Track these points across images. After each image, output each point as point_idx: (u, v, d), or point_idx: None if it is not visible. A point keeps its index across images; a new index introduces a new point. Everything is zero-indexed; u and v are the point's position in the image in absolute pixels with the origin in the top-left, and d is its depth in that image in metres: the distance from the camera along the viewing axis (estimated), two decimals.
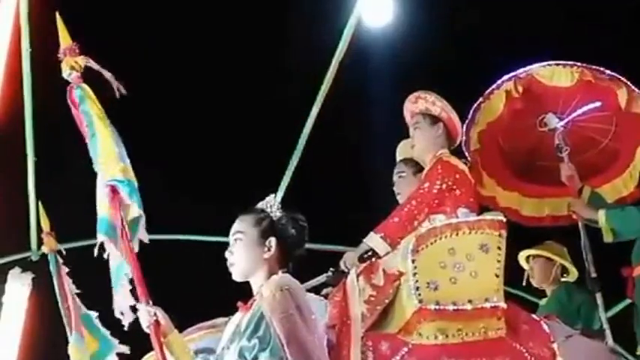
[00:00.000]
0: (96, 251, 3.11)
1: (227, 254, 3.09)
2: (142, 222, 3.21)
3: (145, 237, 3.23)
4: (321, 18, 5.89)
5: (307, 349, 2.77)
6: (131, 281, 3.12)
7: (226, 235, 3.16)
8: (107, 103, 3.42)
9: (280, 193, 6.52)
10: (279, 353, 2.74)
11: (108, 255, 3.12)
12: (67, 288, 4.52)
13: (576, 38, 5.51)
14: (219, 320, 3.97)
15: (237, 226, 3.10)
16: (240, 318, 3.01)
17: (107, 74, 3.34)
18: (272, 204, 3.13)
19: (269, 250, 3.04)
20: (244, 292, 3.12)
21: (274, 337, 2.78)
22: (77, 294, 4.55)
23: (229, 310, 3.22)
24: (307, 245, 3.22)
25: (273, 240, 3.05)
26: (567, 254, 5.11)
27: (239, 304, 3.08)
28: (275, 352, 2.75)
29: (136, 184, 3.25)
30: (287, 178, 6.63)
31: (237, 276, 3.07)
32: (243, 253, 3.04)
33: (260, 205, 3.15)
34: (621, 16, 5.76)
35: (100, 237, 3.12)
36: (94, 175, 3.31)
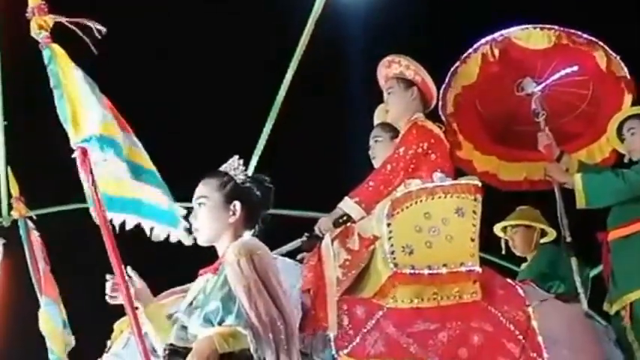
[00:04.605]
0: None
1: (191, 219, 3.02)
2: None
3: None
4: None
5: (270, 317, 2.74)
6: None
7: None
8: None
9: (255, 159, 6.48)
10: (244, 317, 2.71)
11: None
12: (37, 253, 4.46)
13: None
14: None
15: (200, 190, 3.02)
16: (205, 282, 2.96)
17: (82, 21, 3.23)
18: (235, 166, 3.06)
19: (234, 214, 2.98)
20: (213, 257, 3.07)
21: (239, 301, 2.74)
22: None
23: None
24: (282, 211, 3.17)
25: (237, 204, 2.99)
26: (542, 217, 5.11)
27: (201, 271, 3.03)
28: (240, 316, 2.71)
29: (111, 136, 3.13)
30: (261, 143, 6.57)
31: (202, 241, 3.01)
32: (208, 218, 2.98)
33: (223, 167, 3.08)
34: None
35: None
36: (66, 139, 3.22)
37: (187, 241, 2.97)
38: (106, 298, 3.02)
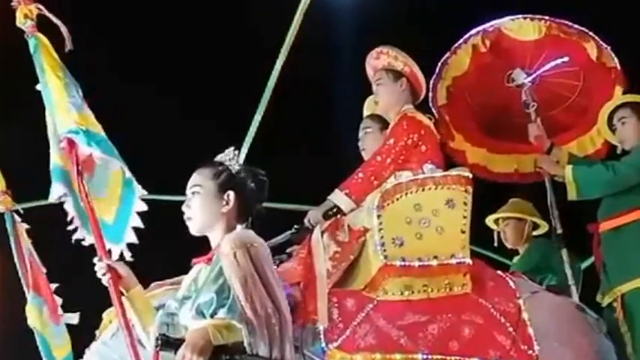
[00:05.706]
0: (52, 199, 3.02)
1: (184, 208, 3.00)
2: (134, 186, 3.08)
3: (141, 206, 3.09)
4: None
5: (266, 311, 2.72)
6: None
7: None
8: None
9: (244, 151, 6.44)
10: (238, 309, 2.68)
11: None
12: (24, 248, 4.42)
13: None
14: (182, 278, 3.90)
15: (194, 179, 3.01)
16: (198, 272, 2.93)
17: (58, 23, 3.21)
18: (231, 157, 3.05)
19: (227, 204, 2.96)
20: (206, 248, 3.04)
21: (233, 294, 2.71)
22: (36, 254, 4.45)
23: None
24: (271, 204, 3.13)
25: (231, 194, 2.97)
26: (534, 209, 5.09)
27: (193, 260, 3.00)
28: (234, 309, 2.69)
29: (96, 131, 3.11)
30: (250, 136, 6.54)
31: (194, 230, 2.99)
32: (201, 207, 2.96)
33: (219, 157, 3.06)
34: None
35: (58, 187, 3.02)
36: None
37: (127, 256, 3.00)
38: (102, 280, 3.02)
